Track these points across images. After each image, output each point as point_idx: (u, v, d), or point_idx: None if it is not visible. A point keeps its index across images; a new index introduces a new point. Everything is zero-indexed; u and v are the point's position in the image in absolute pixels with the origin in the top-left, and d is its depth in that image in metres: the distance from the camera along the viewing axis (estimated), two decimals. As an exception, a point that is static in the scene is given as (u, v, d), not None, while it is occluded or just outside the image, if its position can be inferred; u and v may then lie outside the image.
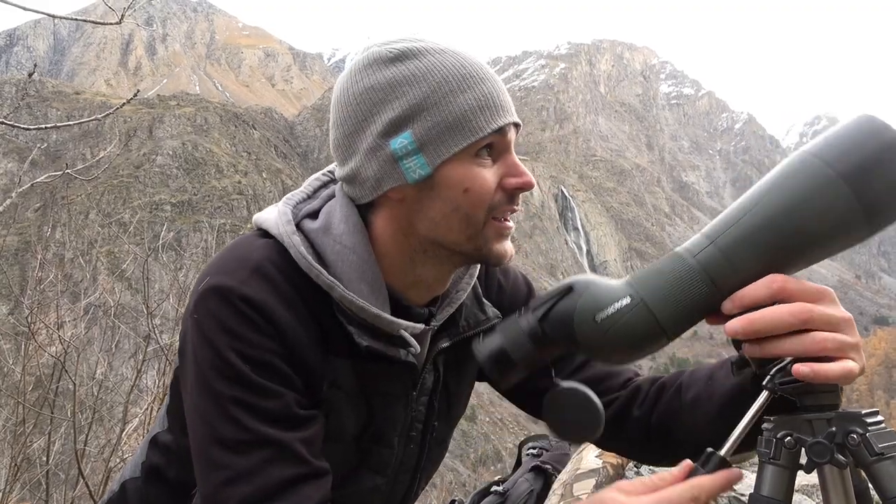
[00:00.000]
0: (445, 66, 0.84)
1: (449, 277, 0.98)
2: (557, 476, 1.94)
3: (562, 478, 1.91)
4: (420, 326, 0.93)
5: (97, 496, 3.76)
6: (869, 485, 0.66)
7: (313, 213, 0.94)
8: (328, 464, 0.85)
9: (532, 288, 1.13)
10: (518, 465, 2.06)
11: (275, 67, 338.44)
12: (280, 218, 0.91)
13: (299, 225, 0.92)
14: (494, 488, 1.92)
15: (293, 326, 0.84)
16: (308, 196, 0.98)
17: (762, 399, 0.70)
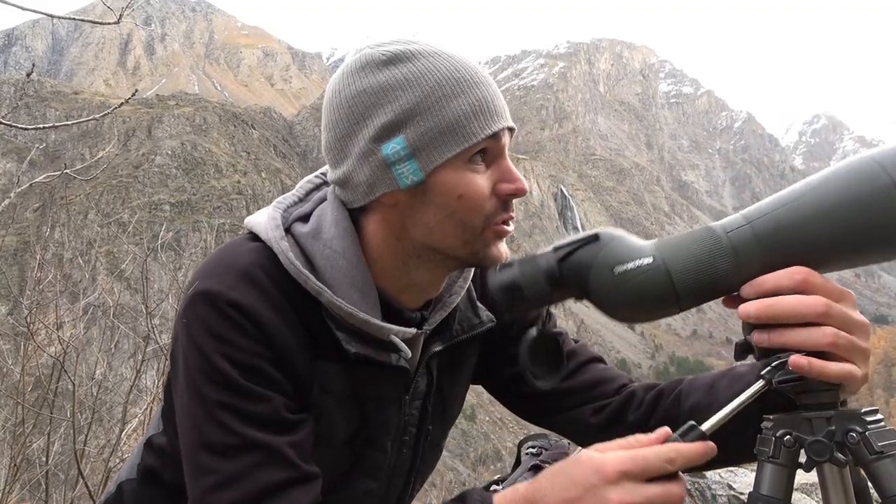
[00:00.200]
0: (439, 70, 0.83)
1: (443, 281, 0.97)
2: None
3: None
4: (411, 331, 0.91)
5: (97, 496, 3.76)
6: (868, 483, 0.66)
7: (304, 217, 0.93)
8: (319, 468, 0.85)
9: None
10: (517, 464, 2.06)
11: (274, 67, 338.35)
12: (269, 223, 0.90)
13: (290, 229, 0.91)
14: (494, 487, 1.91)
15: (282, 331, 0.83)
16: (300, 199, 0.97)
17: (756, 387, 0.69)
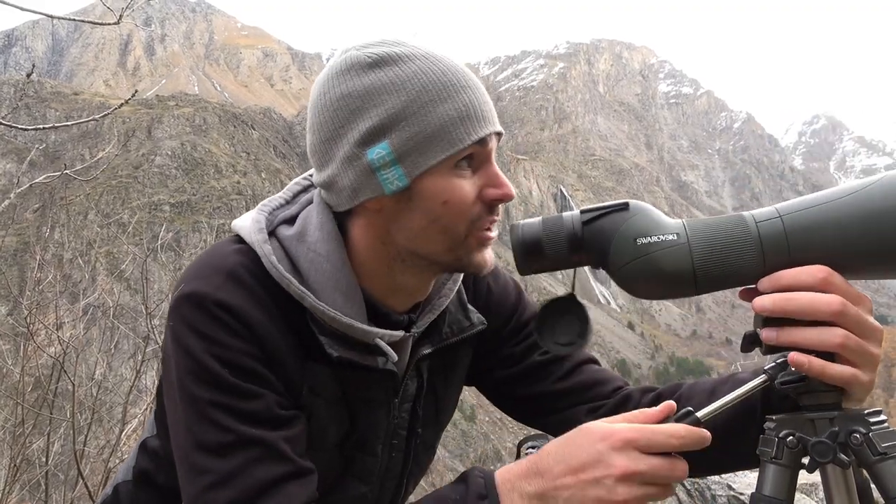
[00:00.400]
0: (425, 74, 0.81)
1: (429, 285, 0.96)
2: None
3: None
4: (398, 334, 0.91)
5: (96, 497, 3.76)
6: (871, 484, 0.66)
7: (291, 220, 0.92)
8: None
9: (522, 294, 1.11)
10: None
11: (273, 67, 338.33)
12: (253, 226, 0.89)
13: (275, 231, 0.90)
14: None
15: (270, 331, 0.83)
16: (287, 201, 0.96)
17: (757, 381, 0.69)
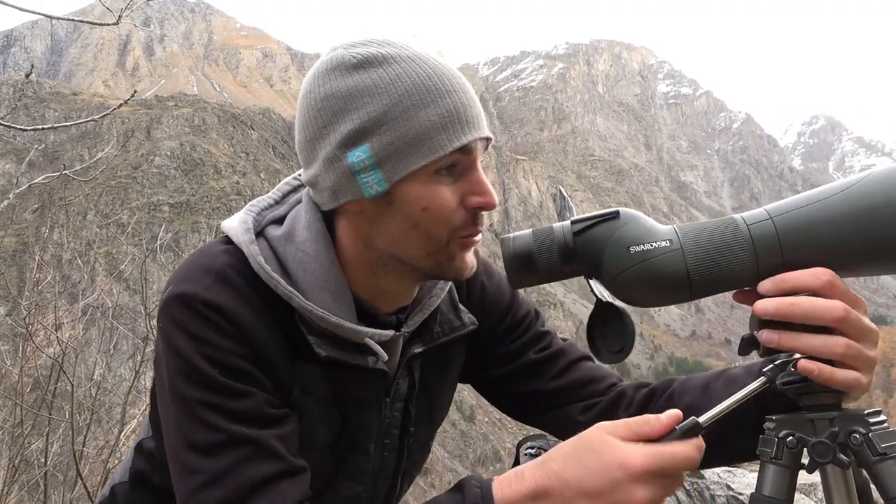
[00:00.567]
0: (409, 77, 0.80)
1: (413, 291, 0.96)
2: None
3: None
4: (388, 333, 0.90)
5: (95, 497, 3.75)
6: (871, 484, 0.66)
7: (279, 220, 0.92)
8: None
9: (517, 295, 1.11)
10: (516, 465, 2.05)
11: (273, 68, 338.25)
12: (240, 227, 0.89)
13: (263, 231, 0.90)
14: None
15: (259, 330, 0.82)
16: (276, 201, 0.96)
17: (756, 384, 0.69)
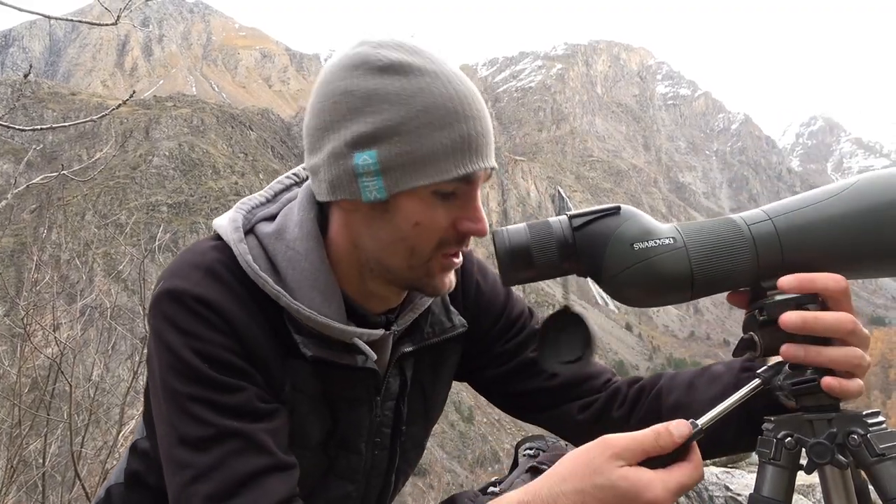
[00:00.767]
0: (431, 94, 0.79)
1: (401, 295, 0.96)
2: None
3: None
4: (377, 333, 0.90)
5: (93, 498, 3.74)
6: (869, 485, 0.66)
7: (271, 217, 0.92)
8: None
9: (511, 291, 1.10)
10: (515, 466, 2.06)
11: (271, 68, 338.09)
12: (229, 225, 0.89)
13: (254, 229, 0.90)
14: (491, 489, 1.91)
15: (249, 326, 0.82)
16: (268, 199, 0.96)
17: (752, 385, 0.69)
